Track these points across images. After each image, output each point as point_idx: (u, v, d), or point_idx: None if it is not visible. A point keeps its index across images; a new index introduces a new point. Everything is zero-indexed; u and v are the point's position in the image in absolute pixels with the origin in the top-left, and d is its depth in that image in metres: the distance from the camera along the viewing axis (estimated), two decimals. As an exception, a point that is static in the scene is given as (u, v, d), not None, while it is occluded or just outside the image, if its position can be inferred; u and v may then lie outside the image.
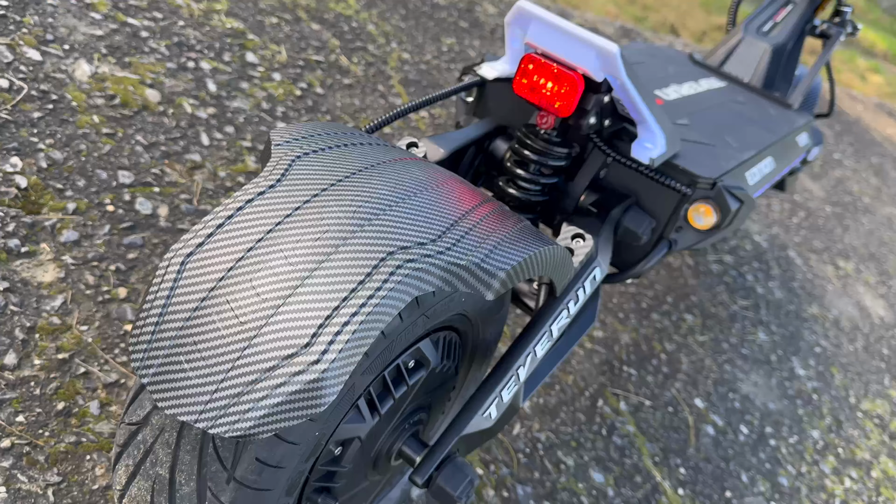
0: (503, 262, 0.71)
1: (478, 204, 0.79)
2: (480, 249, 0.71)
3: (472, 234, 0.73)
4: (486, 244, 0.72)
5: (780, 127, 1.58)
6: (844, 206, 3.86)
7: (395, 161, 0.80)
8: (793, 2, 2.01)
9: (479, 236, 0.73)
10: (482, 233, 0.74)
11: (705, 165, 1.14)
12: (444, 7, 3.05)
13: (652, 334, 2.01)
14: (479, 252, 0.71)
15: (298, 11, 2.34)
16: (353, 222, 0.69)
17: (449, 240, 0.70)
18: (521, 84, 0.98)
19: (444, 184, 0.79)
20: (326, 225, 0.68)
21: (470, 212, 0.77)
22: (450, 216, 0.74)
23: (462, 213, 0.75)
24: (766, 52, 1.87)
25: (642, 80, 1.53)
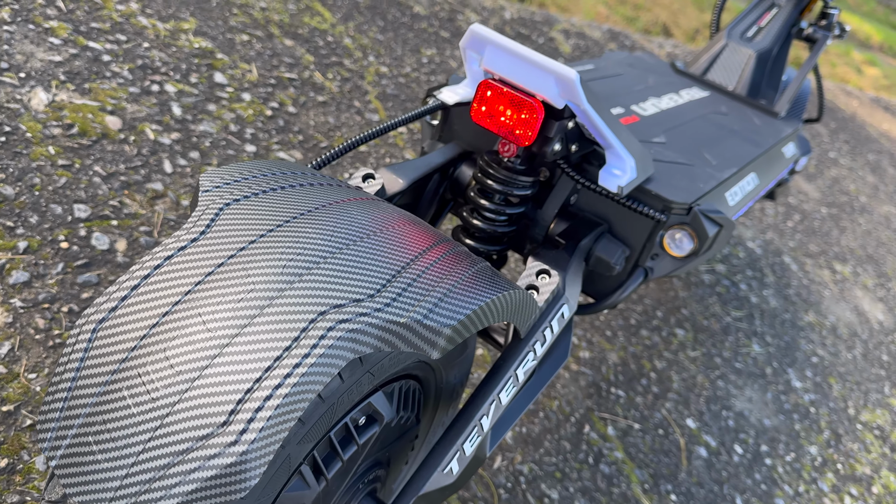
0: (449, 317, 0.66)
1: (427, 248, 0.74)
2: (424, 303, 0.66)
3: (416, 284, 0.67)
4: (432, 296, 0.67)
5: (765, 138, 1.52)
6: (841, 206, 3.81)
7: (336, 204, 0.75)
8: (777, 5, 1.96)
9: (424, 287, 0.67)
10: (429, 282, 0.68)
11: (681, 189, 1.08)
12: (425, 17, 3.00)
13: (641, 352, 1.95)
14: (423, 306, 0.65)
15: (271, 27, 2.30)
16: (282, 279, 0.63)
17: (389, 294, 0.65)
18: (479, 111, 0.92)
19: (391, 227, 0.74)
20: (252, 283, 0.63)
21: (417, 258, 0.71)
22: (393, 265, 0.68)
23: (408, 260, 0.70)
24: (751, 58, 1.82)
25: (620, 93, 1.48)
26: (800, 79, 1.83)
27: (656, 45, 4.69)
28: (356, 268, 0.66)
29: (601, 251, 1.06)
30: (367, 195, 0.82)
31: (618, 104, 1.40)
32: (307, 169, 0.84)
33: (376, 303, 0.63)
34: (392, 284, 0.66)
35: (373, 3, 2.83)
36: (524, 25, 3.55)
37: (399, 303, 0.64)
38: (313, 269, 0.65)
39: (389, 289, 0.65)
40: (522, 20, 3.61)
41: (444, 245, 0.77)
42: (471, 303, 0.68)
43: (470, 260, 0.77)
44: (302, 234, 0.68)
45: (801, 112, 2.14)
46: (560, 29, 3.80)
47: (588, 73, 1.56)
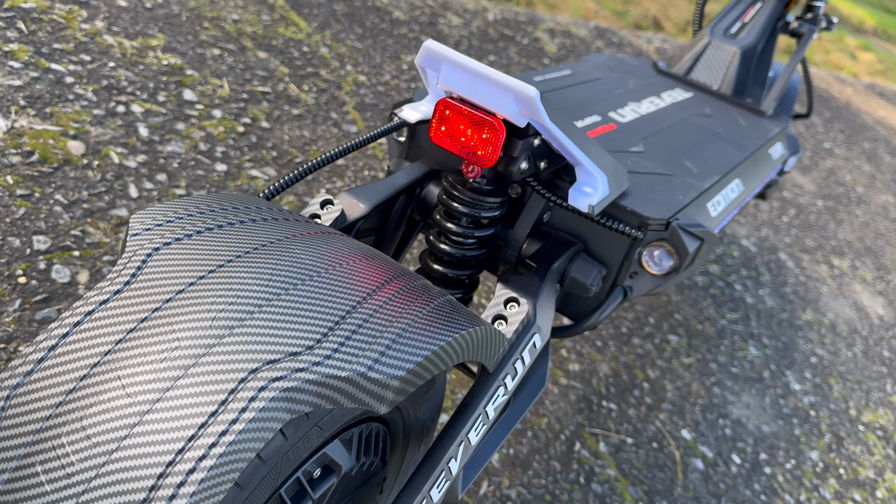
0: (398, 366, 0.61)
1: (380, 285, 0.69)
2: (370, 352, 0.61)
3: (363, 330, 0.62)
4: (380, 342, 0.62)
5: (751, 140, 1.47)
6: (837, 198, 3.76)
7: (279, 242, 0.70)
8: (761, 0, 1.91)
9: (372, 332, 0.62)
10: (377, 326, 0.64)
11: (658, 202, 1.03)
12: (405, 22, 2.96)
13: (633, 361, 1.90)
14: (369, 356, 0.60)
15: (243, 40, 2.25)
16: (211, 333, 0.58)
17: (331, 343, 0.60)
18: (438, 131, 0.87)
19: (339, 264, 0.69)
20: (177, 340, 0.58)
21: (367, 299, 0.66)
22: (338, 310, 0.63)
23: (355, 301, 0.65)
24: (735, 55, 1.77)
25: (598, 99, 1.43)
26: (787, 75, 1.78)
27: (644, 40, 4.64)
28: (296, 315, 0.61)
29: (576, 272, 1.01)
30: (317, 228, 0.77)
31: (595, 112, 1.36)
32: (254, 201, 0.79)
33: (315, 355, 0.58)
34: (335, 332, 0.61)
35: (350, 10, 2.79)
36: (508, 26, 3.50)
37: (341, 354, 0.59)
38: (247, 321, 0.60)
39: (332, 338, 0.60)
40: (506, 21, 3.56)
41: (399, 281, 0.72)
42: (424, 347, 0.64)
43: (427, 296, 0.72)
44: (236, 279, 0.63)
45: (789, 109, 2.09)
46: (545, 28, 3.75)
47: (566, 78, 1.51)
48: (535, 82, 1.42)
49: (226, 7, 2.35)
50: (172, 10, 2.19)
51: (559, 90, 1.42)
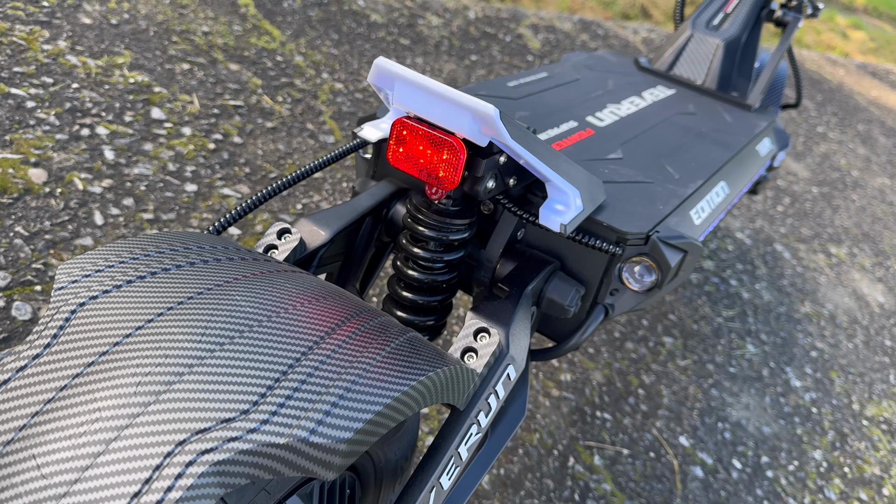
0: (345, 426, 0.55)
1: (331, 330, 0.64)
2: (313, 412, 0.55)
3: (307, 387, 0.57)
4: (325, 400, 0.57)
5: (737, 138, 1.42)
6: (832, 184, 3.71)
7: (217, 288, 0.65)
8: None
9: (316, 389, 0.57)
10: (324, 381, 0.58)
11: (636, 215, 0.98)
12: (382, 25, 2.90)
13: (627, 367, 1.85)
14: (311, 417, 0.55)
15: (214, 52, 2.19)
16: (136, 400, 0.53)
17: (270, 406, 0.55)
18: (396, 153, 0.82)
19: (285, 310, 0.64)
20: (99, 410, 0.53)
21: (314, 348, 0.61)
22: (279, 364, 0.58)
23: (300, 353, 0.60)
24: (719, 47, 1.72)
25: (575, 103, 1.37)
26: (773, 66, 1.73)
27: (630, 31, 4.59)
28: (231, 375, 0.56)
29: (553, 293, 0.96)
30: (265, 267, 0.72)
31: (572, 117, 1.30)
32: (197, 239, 0.74)
33: (251, 421, 0.53)
34: (275, 391, 0.56)
35: (326, 16, 2.73)
36: (490, 24, 3.45)
37: (281, 417, 0.54)
38: (175, 384, 0.55)
39: (271, 398, 0.55)
40: (488, 19, 3.50)
41: (353, 322, 0.67)
42: (376, 401, 0.58)
43: (384, 337, 0.67)
44: (166, 336, 0.58)
45: (777, 100, 2.03)
46: (528, 24, 3.70)
47: (542, 82, 1.46)
48: (510, 87, 1.37)
49: (195, 19, 2.29)
50: (139, 25, 2.13)
51: (534, 95, 1.37)
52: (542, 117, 1.26)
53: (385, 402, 0.59)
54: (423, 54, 2.86)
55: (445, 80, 2.75)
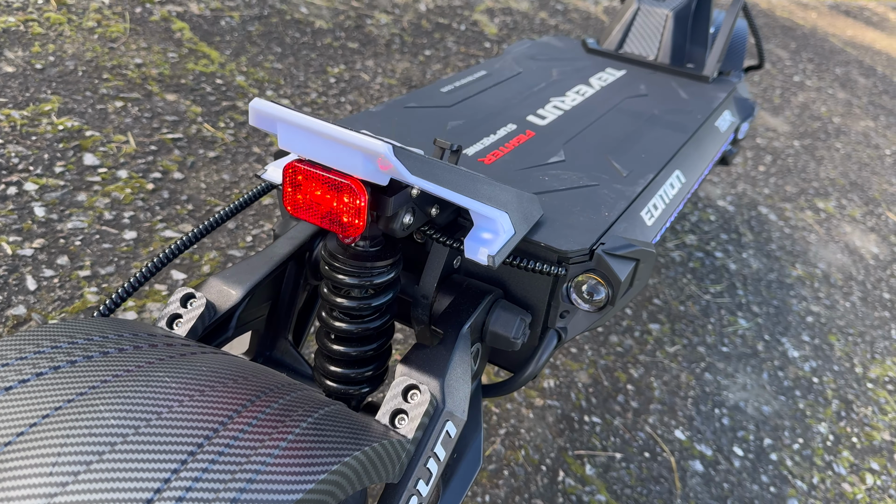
0: None
1: (222, 423, 0.56)
2: None
3: (190, 498, 0.49)
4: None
5: (692, 117, 1.34)
6: (814, 134, 3.63)
7: (81, 397, 0.57)
8: None
9: (201, 498, 0.49)
10: (209, 490, 0.50)
11: (578, 228, 0.90)
12: (328, 31, 2.81)
13: (614, 362, 1.78)
14: None
15: (149, 84, 2.10)
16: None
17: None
18: (294, 200, 0.74)
19: (169, 408, 0.56)
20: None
21: (199, 451, 0.53)
22: (152, 480, 0.50)
23: (180, 460, 0.52)
24: (668, 18, 1.63)
25: (514, 102, 1.29)
26: (726, 30, 1.64)
27: (591, 1, 4.48)
28: (104, 494, 0.48)
29: (496, 325, 0.88)
30: (149, 356, 0.64)
31: (511, 118, 1.22)
32: (74, 329, 0.66)
33: None
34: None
35: (267, 30, 2.64)
36: (443, 14, 3.35)
37: None
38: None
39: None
40: (440, 9, 3.41)
41: (255, 407, 0.59)
42: None
43: (292, 419, 0.59)
44: (20, 467, 0.50)
45: (739, 63, 1.95)
46: (483, 9, 3.60)
47: (479, 82, 1.37)
48: (443, 94, 1.28)
49: (127, 52, 2.20)
50: (67, 66, 2.04)
51: (470, 98, 1.28)
52: (477, 124, 1.18)
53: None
54: (374, 56, 2.76)
55: (400, 80, 2.67)
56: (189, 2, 2.61)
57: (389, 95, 2.53)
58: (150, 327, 0.72)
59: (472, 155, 1.06)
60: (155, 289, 1.51)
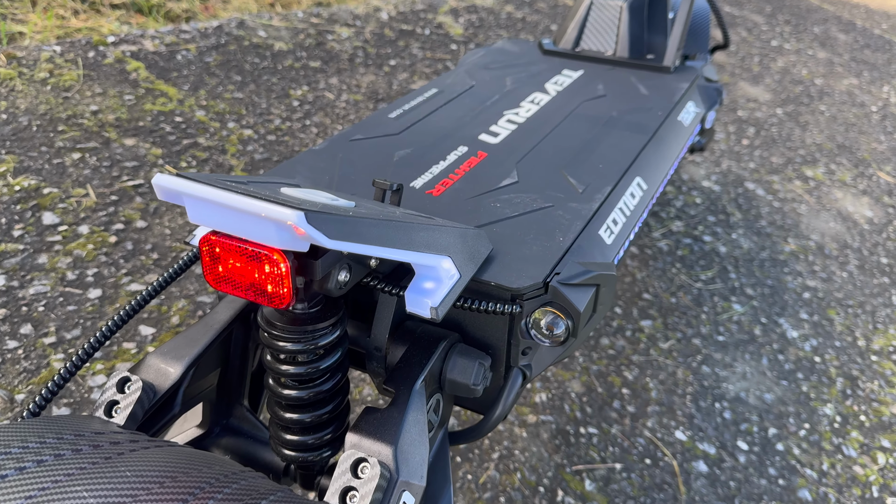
0: None
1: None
2: None
3: None
4: None
5: (653, 114, 1.29)
6: (796, 100, 3.57)
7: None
8: None
9: None
10: None
11: (530, 260, 0.86)
12: (288, 52, 2.76)
13: (606, 367, 1.74)
14: None
15: (106, 131, 2.07)
16: None
17: None
18: (215, 273, 0.70)
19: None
20: None
21: None
22: None
23: None
24: (623, 10, 1.58)
25: (466, 121, 1.24)
26: (684, 14, 1.59)
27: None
28: None
29: (453, 373, 0.84)
30: (76, 462, 0.60)
31: (463, 139, 1.18)
32: (12, 434, 0.62)
33: None
34: None
35: (225, 58, 2.60)
36: (406, 21, 3.31)
37: None
38: None
39: None
40: (403, 15, 3.36)
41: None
42: None
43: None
44: None
45: (704, 45, 1.90)
46: (447, 10, 3.55)
47: (429, 102, 1.33)
48: (391, 120, 1.24)
49: (82, 101, 2.16)
50: (20, 123, 2.01)
51: (420, 122, 1.24)
52: (426, 150, 1.13)
53: None
54: (338, 73, 2.72)
55: (366, 94, 2.62)
56: (143, 39, 2.57)
57: (356, 112, 2.49)
58: (81, 422, 0.69)
59: (420, 187, 1.02)
60: (123, 347, 1.47)
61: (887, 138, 3.40)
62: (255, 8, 3.51)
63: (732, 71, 3.72)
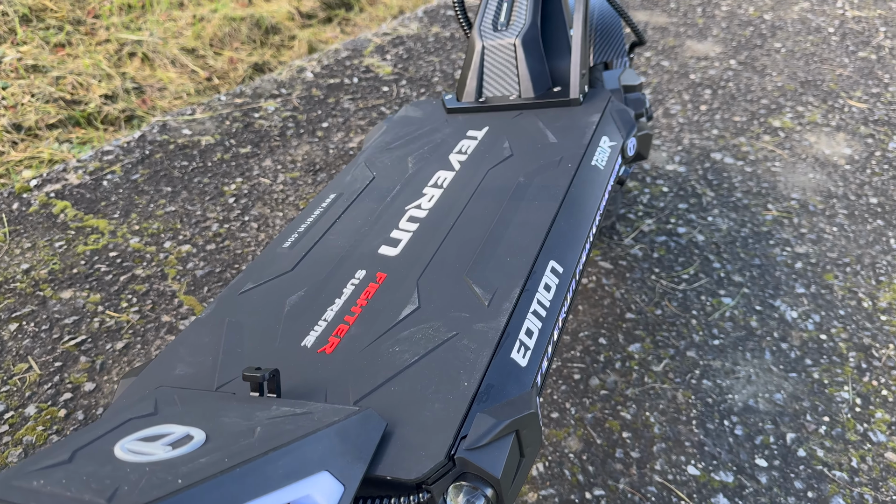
0: None
1: None
2: None
3: None
4: None
5: (563, 170, 1.19)
6: (749, 44, 3.45)
7: None
8: None
9: None
10: None
11: (429, 429, 0.77)
12: (216, 144, 2.70)
13: (601, 411, 1.64)
14: None
15: (41, 289, 2.01)
16: None
17: None
18: None
19: None
20: None
21: None
22: None
23: None
24: (516, 47, 1.49)
25: (364, 233, 1.15)
26: (579, 36, 1.48)
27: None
28: None
29: None
30: None
31: (360, 261, 1.09)
32: None
33: None
34: None
35: (153, 170, 2.53)
36: (332, 74, 3.23)
37: None
38: None
39: None
40: (328, 69, 3.28)
41: None
42: None
43: None
44: None
45: (620, 48, 1.80)
46: (372, 49, 3.47)
47: (325, 216, 1.23)
48: (283, 252, 1.15)
49: (11, 262, 2.11)
50: (-49, 304, 1.95)
51: (315, 246, 1.15)
52: (321, 287, 1.05)
53: None
54: (270, 152, 2.65)
55: (303, 168, 2.55)
56: (66, 174, 2.52)
57: (295, 192, 2.42)
58: None
59: (312, 345, 0.94)
60: None
61: (851, 59, 3.27)
62: (192, 88, 3.46)
63: (676, 31, 3.60)
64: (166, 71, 3.61)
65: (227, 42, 3.99)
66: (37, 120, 3.08)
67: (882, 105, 2.90)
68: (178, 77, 3.58)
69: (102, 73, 3.50)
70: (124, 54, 3.76)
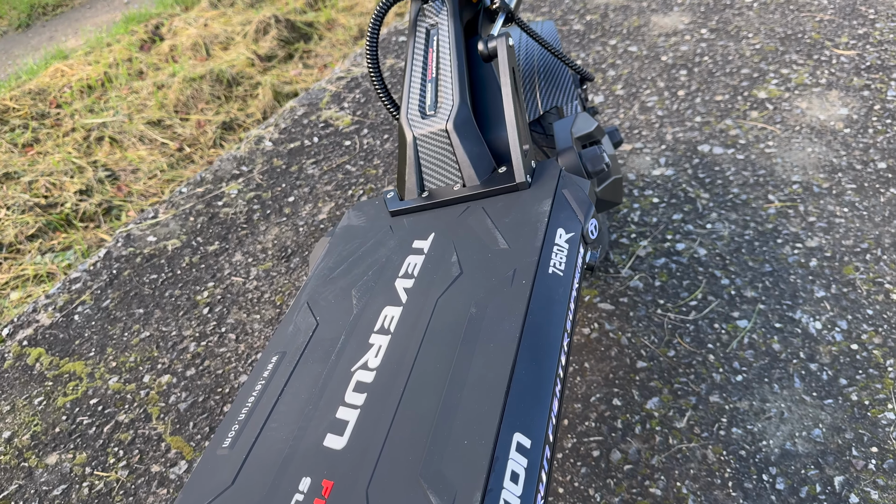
0: None
1: None
2: None
3: None
4: None
5: (518, 289, 1.06)
6: (718, 5, 3.28)
7: None
8: (427, 37, 1.50)
9: None
10: None
11: None
12: (183, 247, 2.61)
13: (629, 493, 1.53)
14: None
15: (25, 458, 1.94)
16: None
17: None
18: None
19: None
20: None
21: None
22: None
23: None
24: (450, 133, 1.36)
25: (308, 405, 1.04)
26: (511, 117, 1.34)
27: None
28: None
29: None
30: None
31: (304, 464, 0.96)
32: None
33: None
34: None
35: (123, 290, 2.45)
36: (291, 138, 3.13)
37: None
38: None
39: None
40: (287, 132, 3.18)
41: None
42: None
43: None
44: None
45: (569, 92, 1.67)
46: (328, 100, 3.36)
47: (269, 390, 1.10)
48: (222, 457, 1.04)
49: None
50: (-63, 495, 1.89)
51: (256, 443, 1.03)
52: (265, 503, 0.93)
53: None
54: (239, 245, 2.55)
55: (274, 256, 2.45)
56: (37, 314, 2.45)
57: (270, 287, 2.32)
58: None
59: None
60: None
61: (831, 1, 3.09)
62: (164, 164, 3.38)
63: (639, 7, 3.44)
64: (136, 150, 3.54)
65: (191, 105, 3.91)
66: (16, 234, 3.03)
67: (872, 47, 2.72)
68: (150, 154, 3.51)
69: (74, 167, 3.44)
70: (92, 140, 3.70)
